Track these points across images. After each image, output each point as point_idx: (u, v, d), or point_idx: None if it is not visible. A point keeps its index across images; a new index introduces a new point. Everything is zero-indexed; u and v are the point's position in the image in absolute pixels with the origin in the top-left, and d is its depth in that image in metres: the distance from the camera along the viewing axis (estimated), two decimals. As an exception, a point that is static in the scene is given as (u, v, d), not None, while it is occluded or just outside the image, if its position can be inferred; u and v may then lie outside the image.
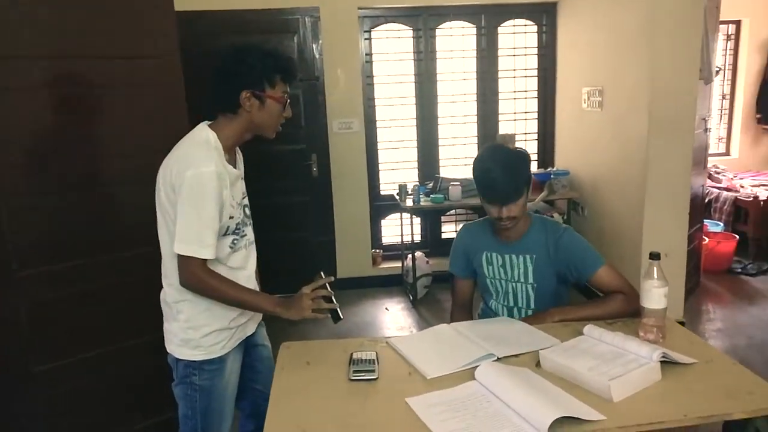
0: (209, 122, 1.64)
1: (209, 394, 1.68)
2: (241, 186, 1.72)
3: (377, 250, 4.68)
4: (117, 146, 2.27)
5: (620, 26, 3.57)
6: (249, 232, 1.75)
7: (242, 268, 1.71)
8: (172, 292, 1.65)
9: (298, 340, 1.77)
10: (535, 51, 4.63)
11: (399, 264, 4.55)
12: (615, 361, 1.42)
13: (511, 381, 1.38)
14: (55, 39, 2.10)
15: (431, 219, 4.82)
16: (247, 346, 1.82)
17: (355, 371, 1.51)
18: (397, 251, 4.59)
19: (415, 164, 4.71)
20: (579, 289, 2.46)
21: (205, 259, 1.54)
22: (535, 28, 4.59)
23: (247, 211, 1.76)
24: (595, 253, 1.89)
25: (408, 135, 4.65)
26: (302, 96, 4.29)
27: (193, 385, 1.67)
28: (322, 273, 1.65)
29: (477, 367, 1.47)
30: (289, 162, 4.36)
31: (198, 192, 1.50)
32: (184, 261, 1.54)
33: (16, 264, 2.08)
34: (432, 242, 4.83)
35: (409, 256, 4.29)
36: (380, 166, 4.66)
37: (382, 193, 4.67)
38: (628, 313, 1.77)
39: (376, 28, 4.45)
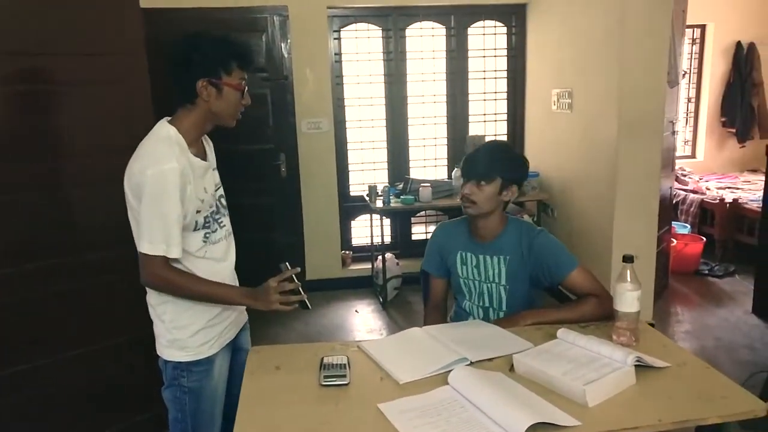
0: (169, 118, 1.59)
1: (198, 396, 1.66)
2: (213, 177, 1.68)
3: (347, 252, 4.63)
4: (81, 144, 2.20)
5: (589, 29, 3.61)
6: (227, 222, 1.72)
7: (223, 259, 1.69)
8: (154, 294, 1.61)
9: (268, 344, 1.73)
10: (505, 52, 4.64)
11: (369, 265, 4.51)
12: (589, 366, 1.41)
13: (484, 386, 1.35)
14: (16, 35, 2.02)
15: (401, 220, 4.79)
16: (233, 349, 1.80)
17: (325, 376, 1.47)
18: (367, 253, 4.55)
19: (385, 165, 4.67)
20: (552, 293, 2.45)
21: (169, 258, 1.50)
22: (504, 29, 4.61)
23: (223, 201, 1.72)
24: (569, 256, 1.88)
25: (378, 136, 4.62)
26: (270, 95, 4.21)
27: (182, 387, 1.64)
28: (287, 264, 1.61)
29: (450, 371, 1.44)
30: (257, 162, 4.27)
31: (160, 190, 1.46)
32: (146, 260, 1.50)
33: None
34: (402, 244, 4.80)
35: (379, 257, 4.25)
36: (350, 167, 4.62)
37: (352, 194, 4.62)
38: (601, 316, 1.76)
39: (345, 28, 4.40)
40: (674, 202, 5.23)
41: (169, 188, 1.46)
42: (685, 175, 5.66)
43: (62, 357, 2.20)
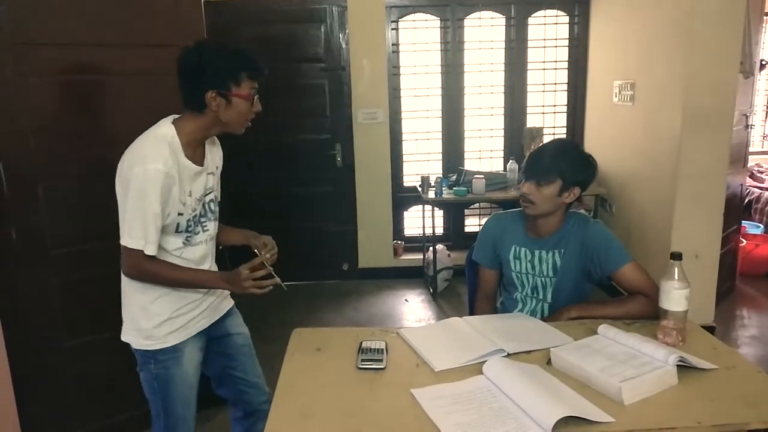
0: (176, 116, 1.62)
1: (166, 382, 1.69)
2: (204, 180, 1.68)
3: (399, 242, 4.66)
4: (136, 134, 2.30)
5: (655, 17, 3.45)
6: (211, 227, 1.74)
7: (200, 263, 1.71)
8: (125, 283, 1.67)
9: (318, 327, 1.77)
10: (566, 42, 4.51)
11: (420, 256, 4.52)
12: (628, 363, 1.37)
13: (518, 377, 1.34)
14: (78, 27, 2.13)
15: (454, 212, 4.77)
16: (217, 337, 1.83)
17: (363, 360, 1.50)
18: (419, 243, 4.56)
19: (440, 156, 4.66)
20: (604, 289, 2.38)
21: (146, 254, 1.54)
22: (566, 18, 4.48)
23: (212, 206, 1.74)
24: (622, 250, 1.83)
25: (433, 126, 4.61)
26: (328, 86, 4.29)
27: (150, 372, 1.69)
28: (256, 251, 1.64)
29: (486, 361, 1.44)
30: (313, 152, 4.37)
31: (143, 188, 1.49)
32: (127, 252, 1.55)
33: (50, 243, 2.17)
34: (454, 235, 4.79)
35: (431, 248, 4.26)
36: (404, 158, 4.63)
37: (406, 184, 4.64)
38: (649, 315, 1.69)
39: (403, 18, 4.40)
40: (747, 200, 4.95)
41: (150, 188, 1.49)
42: (762, 172, 5.33)
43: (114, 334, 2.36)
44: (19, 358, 2.18)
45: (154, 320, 1.65)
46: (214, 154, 1.75)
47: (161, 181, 1.49)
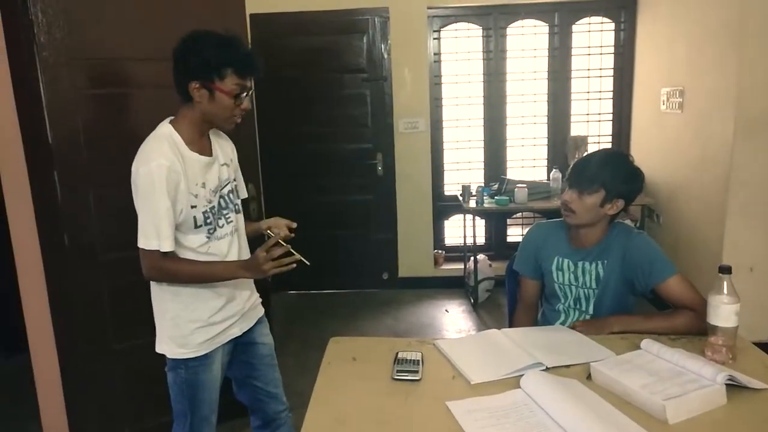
0: (172, 117, 1.65)
1: (194, 386, 1.72)
2: (218, 172, 1.69)
3: (439, 251, 4.64)
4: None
5: (705, 21, 3.35)
6: (235, 218, 1.75)
7: (226, 256, 1.70)
8: (156, 291, 1.70)
9: (357, 336, 1.78)
10: (612, 50, 4.43)
11: (461, 266, 4.48)
12: (673, 380, 1.32)
13: (557, 392, 1.31)
14: (126, 41, 2.22)
15: (496, 221, 4.72)
16: (243, 343, 1.84)
17: (398, 371, 1.50)
18: (460, 253, 4.52)
19: (481, 165, 4.62)
20: (653, 303, 2.29)
21: (163, 252, 1.55)
22: (612, 25, 4.39)
23: (232, 197, 1.74)
24: (667, 261, 1.77)
25: (475, 135, 4.58)
26: (369, 96, 4.33)
27: (179, 376, 1.71)
28: (269, 231, 1.62)
29: (523, 375, 1.42)
30: (354, 161, 4.41)
31: (149, 187, 1.51)
32: (144, 254, 1.56)
33: (101, 248, 2.24)
34: (496, 245, 4.74)
35: (472, 258, 4.22)
36: (445, 167, 4.62)
37: (446, 193, 4.63)
38: (696, 330, 1.63)
39: (445, 28, 4.41)
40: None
41: (156, 184, 1.50)
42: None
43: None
44: (69, 360, 2.26)
45: (187, 327, 1.68)
46: (224, 147, 1.76)
47: (165, 176, 1.51)
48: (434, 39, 4.39)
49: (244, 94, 1.60)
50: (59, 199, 2.16)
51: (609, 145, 4.52)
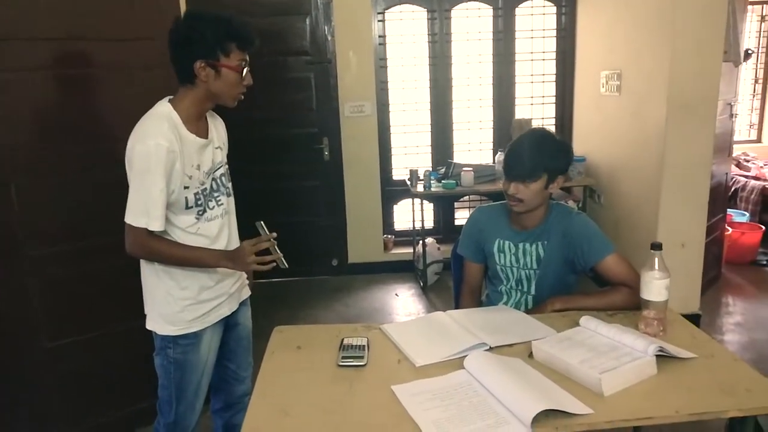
0: (171, 96, 1.63)
1: (183, 366, 1.72)
2: (212, 154, 1.69)
3: (389, 236, 4.64)
4: (121, 129, 2.26)
5: (641, 7, 3.44)
6: (226, 201, 1.74)
7: (216, 239, 1.70)
8: (148, 268, 1.68)
9: (308, 324, 1.76)
10: (554, 33, 4.50)
11: (410, 250, 4.51)
12: (608, 354, 1.37)
13: (499, 371, 1.34)
14: (59, 20, 2.10)
15: (444, 205, 4.76)
16: (227, 324, 1.84)
17: (343, 357, 1.50)
18: (409, 237, 4.55)
19: (429, 149, 4.64)
20: (594, 281, 2.37)
21: (151, 230, 1.55)
22: (554, 9, 4.46)
23: (224, 180, 1.74)
24: (605, 240, 1.83)
25: (421, 119, 4.59)
26: (314, 79, 4.25)
27: (168, 357, 1.71)
28: (262, 224, 1.62)
29: (467, 356, 1.44)
30: (300, 146, 4.33)
31: (145, 165, 1.51)
32: (130, 230, 1.56)
33: (26, 243, 2.13)
34: (445, 228, 4.78)
35: (421, 242, 4.25)
36: (393, 151, 4.61)
37: (395, 177, 4.63)
38: (632, 306, 1.69)
39: (389, 10, 4.37)
40: (733, 189, 4.97)
41: (153, 163, 1.49)
42: (748, 161, 5.36)
43: (105, 331, 2.33)
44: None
45: (177, 305, 1.67)
46: (219, 130, 1.76)
47: (164, 156, 1.50)
48: (379, 21, 4.35)
49: (247, 69, 1.60)
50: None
51: (552, 128, 4.61)
